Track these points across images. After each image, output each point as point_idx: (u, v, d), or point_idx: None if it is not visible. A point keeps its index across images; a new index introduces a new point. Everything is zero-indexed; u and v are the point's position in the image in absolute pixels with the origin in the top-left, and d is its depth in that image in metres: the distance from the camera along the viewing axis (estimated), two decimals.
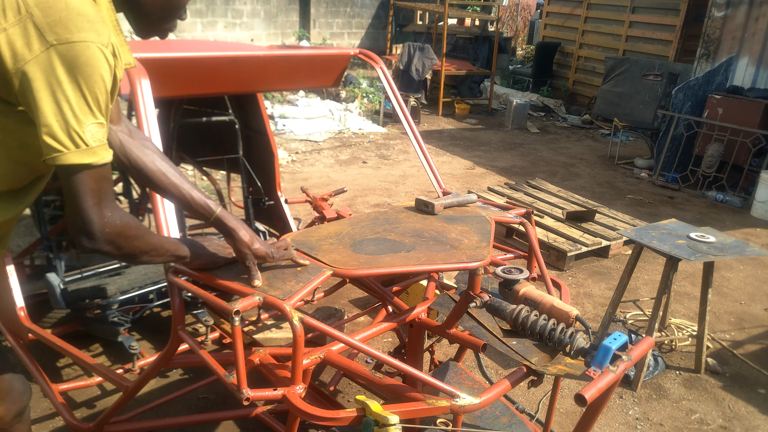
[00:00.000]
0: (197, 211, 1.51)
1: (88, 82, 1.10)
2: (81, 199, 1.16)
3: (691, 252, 2.71)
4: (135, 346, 2.29)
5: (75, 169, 1.14)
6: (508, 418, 1.85)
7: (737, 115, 5.90)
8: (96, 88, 1.12)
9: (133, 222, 1.26)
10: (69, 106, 1.09)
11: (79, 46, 1.09)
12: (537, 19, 13.98)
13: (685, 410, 2.74)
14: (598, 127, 9.07)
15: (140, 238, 1.29)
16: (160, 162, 1.49)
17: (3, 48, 1.08)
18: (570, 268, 4.14)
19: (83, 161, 1.13)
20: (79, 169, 1.14)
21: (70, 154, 1.11)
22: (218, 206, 1.52)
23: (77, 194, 1.16)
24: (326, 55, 2.66)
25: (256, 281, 1.46)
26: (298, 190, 5.06)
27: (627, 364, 1.37)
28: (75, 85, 1.09)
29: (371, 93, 9.02)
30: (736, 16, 6.64)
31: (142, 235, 1.29)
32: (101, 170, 1.17)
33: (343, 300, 3.44)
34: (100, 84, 1.12)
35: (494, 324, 1.62)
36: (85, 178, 1.15)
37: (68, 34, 1.08)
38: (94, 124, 1.13)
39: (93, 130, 1.13)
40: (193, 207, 1.51)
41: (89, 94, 1.11)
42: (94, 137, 1.13)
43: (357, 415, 1.30)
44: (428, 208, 1.98)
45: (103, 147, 1.16)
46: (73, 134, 1.11)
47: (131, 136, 1.50)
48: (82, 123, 1.11)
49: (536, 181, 5.62)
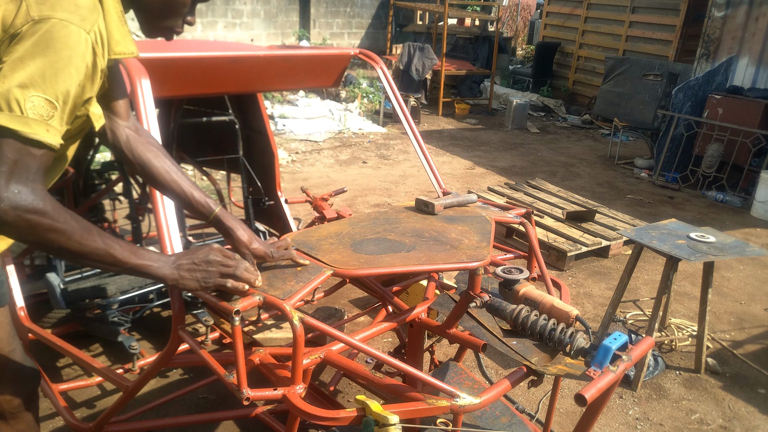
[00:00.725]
0: (197, 209, 1.51)
1: (52, 57, 1.08)
2: None
3: (691, 252, 2.71)
4: (135, 346, 2.29)
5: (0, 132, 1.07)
6: (508, 418, 1.85)
7: (737, 115, 5.90)
8: (59, 65, 1.09)
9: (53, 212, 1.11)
10: (23, 73, 1.07)
11: (57, 23, 1.09)
12: (537, 19, 13.98)
13: (685, 410, 2.75)
14: (598, 127, 9.07)
15: (62, 233, 1.12)
16: (164, 160, 1.50)
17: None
18: (570, 268, 4.14)
19: (9, 125, 1.06)
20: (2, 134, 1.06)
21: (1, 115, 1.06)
22: (217, 205, 1.53)
23: None
24: (326, 55, 2.66)
25: (256, 281, 1.44)
26: (298, 190, 5.06)
27: (627, 364, 1.37)
28: (37, 56, 1.08)
29: (371, 93, 9.02)
30: (736, 16, 6.64)
31: (67, 232, 1.13)
32: (28, 146, 1.08)
33: (343, 300, 3.44)
34: (66, 63, 1.10)
35: (494, 324, 1.62)
36: (4, 143, 1.07)
37: (50, 11, 1.10)
38: (42, 98, 1.08)
39: (37, 103, 1.08)
40: (193, 205, 1.51)
41: (49, 68, 1.08)
42: (35, 109, 1.08)
43: (357, 415, 1.30)
44: (428, 208, 1.98)
45: (42, 124, 1.09)
46: (11, 98, 1.06)
47: (137, 133, 1.51)
48: (26, 90, 1.07)
49: (536, 181, 5.63)
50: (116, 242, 1.22)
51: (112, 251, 1.20)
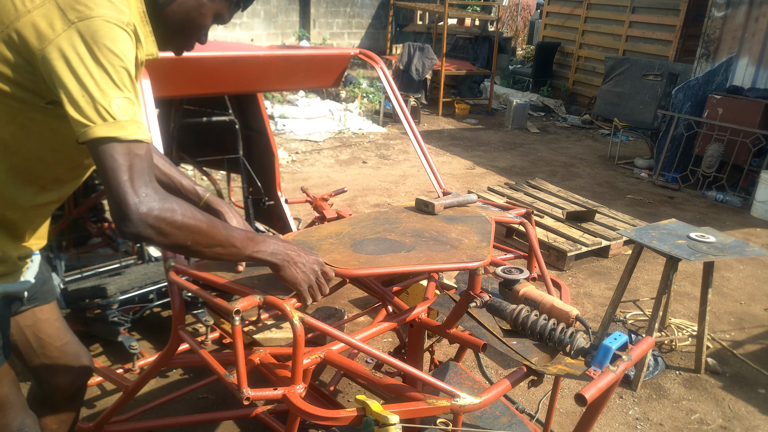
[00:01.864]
0: (186, 197, 1.54)
1: (108, 56, 1.09)
2: (111, 176, 1.08)
3: (691, 252, 2.71)
4: (135, 346, 2.29)
5: (102, 143, 1.08)
6: (508, 418, 1.85)
7: (737, 115, 5.90)
8: (117, 62, 1.10)
9: (180, 207, 1.15)
10: (93, 80, 1.07)
11: (99, 21, 1.08)
12: (537, 19, 13.98)
13: (685, 410, 2.75)
14: (598, 127, 9.07)
15: (191, 226, 1.16)
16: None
17: (28, 30, 1.09)
18: (570, 268, 4.14)
19: (110, 134, 1.08)
20: (107, 143, 1.08)
21: (97, 128, 1.08)
22: (207, 192, 1.58)
23: (107, 171, 1.09)
24: (326, 55, 2.66)
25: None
26: (298, 190, 5.06)
27: (627, 364, 1.37)
28: (96, 59, 1.08)
29: (371, 93, 9.02)
30: (736, 16, 6.64)
31: (195, 224, 1.17)
32: (132, 146, 1.11)
33: (343, 300, 3.44)
34: (121, 59, 1.10)
35: (494, 324, 1.62)
36: (114, 153, 1.09)
37: (88, 10, 1.09)
38: (121, 98, 1.10)
39: (120, 105, 1.10)
40: (182, 193, 1.55)
41: (111, 68, 1.09)
42: (121, 111, 1.09)
43: (357, 414, 1.30)
44: (428, 208, 1.98)
45: (133, 123, 1.11)
46: (99, 108, 1.07)
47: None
48: (107, 96, 1.08)
49: (536, 181, 5.63)
50: (231, 228, 1.26)
51: (231, 239, 1.25)
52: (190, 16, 1.29)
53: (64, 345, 1.60)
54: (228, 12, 1.33)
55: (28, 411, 1.49)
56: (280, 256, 1.34)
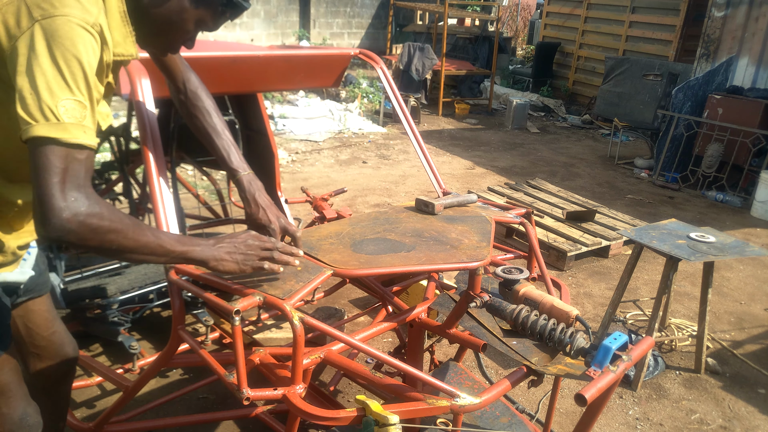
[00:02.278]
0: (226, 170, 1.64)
1: (65, 56, 1.07)
2: (42, 176, 1.06)
3: (691, 252, 2.71)
4: (135, 346, 2.29)
5: (41, 143, 1.06)
6: (508, 418, 1.85)
7: (737, 115, 5.90)
8: (74, 63, 1.08)
9: (108, 213, 1.13)
10: (44, 79, 1.06)
11: (60, 20, 1.08)
12: (537, 19, 13.98)
13: (685, 410, 2.75)
14: (598, 127, 9.07)
15: (119, 233, 1.14)
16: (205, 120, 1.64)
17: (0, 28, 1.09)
18: (570, 268, 4.14)
19: (50, 135, 1.06)
20: (45, 143, 1.06)
21: (38, 127, 1.06)
22: (246, 171, 1.62)
23: (39, 170, 1.06)
24: (326, 55, 2.66)
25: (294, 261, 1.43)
26: (298, 190, 5.06)
27: (627, 364, 1.37)
28: (51, 58, 1.07)
29: (371, 93, 9.02)
30: (736, 16, 6.64)
31: (123, 231, 1.15)
32: (72, 150, 1.08)
33: (343, 300, 3.44)
34: (79, 60, 1.09)
35: (494, 324, 1.62)
36: (50, 153, 1.06)
37: (53, 8, 1.08)
38: (71, 101, 1.08)
39: (68, 106, 1.08)
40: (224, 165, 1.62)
41: (66, 68, 1.08)
42: (68, 113, 1.07)
43: (357, 414, 1.30)
44: (428, 208, 1.98)
45: (79, 127, 1.09)
46: (44, 107, 1.06)
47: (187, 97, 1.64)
48: (55, 97, 1.06)
49: (536, 181, 5.63)
50: (161, 233, 1.26)
51: (161, 242, 1.24)
52: (172, 20, 1.28)
53: (51, 335, 1.65)
54: (212, 20, 1.33)
55: (30, 401, 1.50)
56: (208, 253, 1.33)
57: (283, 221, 1.59)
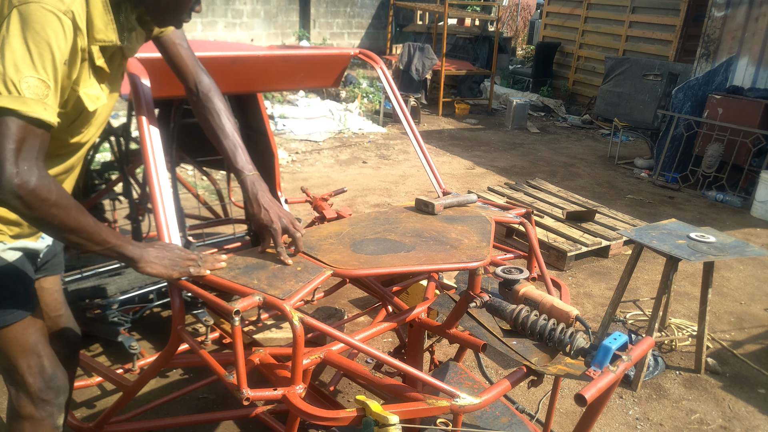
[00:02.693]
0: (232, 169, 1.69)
1: (35, 38, 1.16)
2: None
3: (691, 252, 2.71)
4: (135, 346, 2.29)
5: (1, 113, 1.14)
6: (508, 418, 1.85)
7: (737, 115, 5.90)
8: (42, 46, 1.17)
9: (56, 189, 1.21)
10: (12, 56, 1.14)
11: (33, 6, 1.16)
12: (537, 19, 13.98)
13: (685, 410, 2.75)
14: (598, 127, 9.07)
15: (62, 209, 1.22)
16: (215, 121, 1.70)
17: None
18: (570, 268, 4.14)
19: (10, 106, 1.13)
20: (5, 114, 1.14)
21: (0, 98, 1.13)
22: (251, 172, 1.68)
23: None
24: (326, 55, 2.66)
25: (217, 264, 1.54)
26: (298, 190, 5.06)
27: (627, 364, 1.37)
28: (21, 39, 1.15)
29: (371, 93, 9.02)
30: (736, 16, 6.64)
31: (66, 208, 1.23)
32: (31, 125, 1.16)
33: (343, 300, 3.44)
34: (48, 44, 1.17)
35: (494, 324, 1.62)
36: (9, 122, 1.14)
37: None
38: (35, 78, 1.16)
39: (32, 83, 1.15)
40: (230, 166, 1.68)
41: (35, 49, 1.16)
42: (30, 89, 1.15)
43: (357, 415, 1.30)
44: (428, 208, 1.98)
45: (39, 102, 1.16)
46: (7, 81, 1.13)
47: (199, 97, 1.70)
48: (20, 72, 1.14)
49: (536, 181, 5.63)
50: (99, 223, 1.32)
51: (100, 230, 1.31)
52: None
53: (57, 317, 1.71)
54: None
55: (59, 363, 1.56)
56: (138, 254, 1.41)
57: (285, 221, 1.61)
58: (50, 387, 1.52)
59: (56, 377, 1.54)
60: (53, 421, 1.54)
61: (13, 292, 1.43)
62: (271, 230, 1.59)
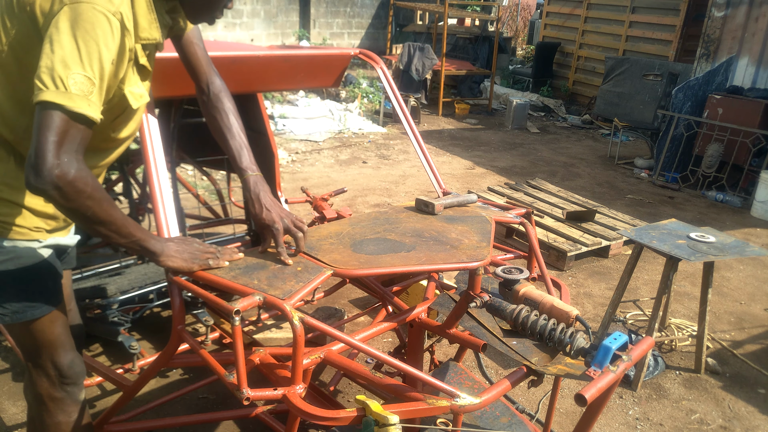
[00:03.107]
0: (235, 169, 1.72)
1: (84, 37, 1.20)
2: (42, 133, 1.18)
3: (691, 252, 2.71)
4: (135, 346, 2.29)
5: (47, 106, 1.19)
6: (508, 418, 1.85)
7: (737, 115, 5.90)
8: (91, 45, 1.21)
9: (92, 182, 1.25)
10: (62, 53, 1.19)
11: (85, 6, 1.21)
12: (537, 19, 13.98)
13: (685, 410, 2.75)
14: (598, 127, 9.07)
15: (96, 201, 1.27)
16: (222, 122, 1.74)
17: (37, 12, 1.24)
18: (570, 268, 4.14)
19: (56, 101, 1.18)
20: (51, 107, 1.18)
21: (48, 93, 1.18)
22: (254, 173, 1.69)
23: (40, 128, 1.19)
24: (326, 55, 2.66)
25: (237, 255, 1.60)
26: (298, 190, 5.06)
27: (627, 364, 1.37)
28: (71, 37, 1.20)
29: (371, 93, 9.01)
30: (736, 16, 6.64)
31: (100, 201, 1.28)
32: (74, 120, 1.20)
33: (343, 300, 3.44)
34: (96, 43, 1.22)
35: (494, 324, 1.62)
36: (54, 116, 1.19)
37: None
38: (82, 75, 1.20)
39: (78, 80, 1.20)
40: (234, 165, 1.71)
41: (83, 47, 1.20)
42: (77, 85, 1.19)
43: (357, 414, 1.30)
44: (428, 208, 1.98)
45: (84, 99, 1.20)
46: (55, 77, 1.18)
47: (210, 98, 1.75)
48: (68, 69, 1.19)
49: (536, 181, 5.63)
50: (127, 217, 1.38)
51: (127, 223, 1.36)
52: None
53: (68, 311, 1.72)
54: None
55: (75, 351, 1.64)
56: (160, 247, 1.46)
57: (287, 222, 1.62)
58: (70, 373, 1.61)
59: (75, 364, 1.63)
60: (74, 399, 1.65)
61: (44, 288, 1.49)
62: (273, 230, 1.60)
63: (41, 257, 1.48)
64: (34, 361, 1.57)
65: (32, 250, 1.46)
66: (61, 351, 1.59)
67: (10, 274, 1.43)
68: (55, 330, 1.56)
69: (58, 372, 1.59)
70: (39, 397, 1.61)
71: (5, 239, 1.41)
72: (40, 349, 1.56)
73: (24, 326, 1.51)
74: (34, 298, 1.48)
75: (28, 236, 1.44)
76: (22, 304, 1.46)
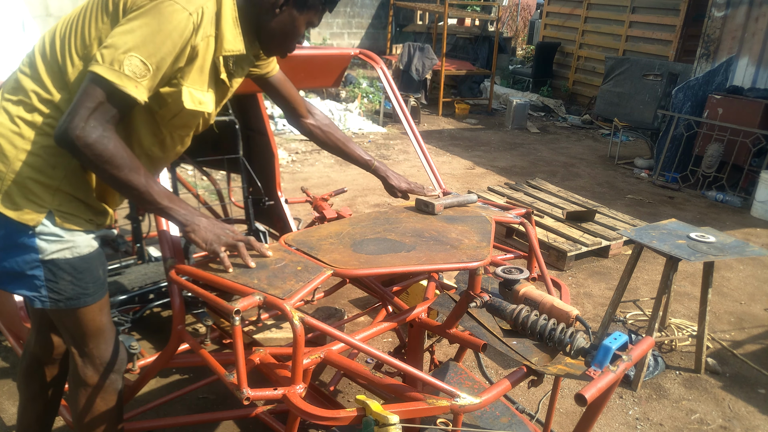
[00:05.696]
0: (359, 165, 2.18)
1: (156, 29, 1.31)
2: (82, 97, 1.30)
3: (691, 252, 2.71)
4: (135, 346, 2.28)
5: (95, 78, 1.29)
6: (508, 418, 1.85)
7: (737, 115, 5.90)
8: (160, 36, 1.32)
9: (113, 149, 1.33)
10: (131, 36, 1.30)
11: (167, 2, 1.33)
12: (537, 19, 13.98)
13: (685, 410, 2.75)
14: (598, 127, 9.07)
15: (115, 167, 1.34)
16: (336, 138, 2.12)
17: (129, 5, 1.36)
18: (570, 268, 4.14)
19: (105, 75, 1.29)
20: (98, 80, 1.29)
21: (101, 67, 1.29)
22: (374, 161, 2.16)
23: (83, 92, 1.30)
24: (326, 55, 2.66)
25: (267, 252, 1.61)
26: (298, 190, 5.06)
27: (627, 364, 1.38)
28: (145, 26, 1.31)
29: (371, 93, 9.01)
30: (736, 16, 6.64)
31: (120, 167, 1.35)
32: (115, 96, 1.31)
33: (343, 300, 3.44)
34: (167, 37, 1.32)
35: (494, 324, 1.62)
36: (98, 88, 1.30)
37: None
38: (139, 60, 1.31)
39: (133, 63, 1.30)
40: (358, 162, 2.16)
41: (150, 38, 1.31)
42: (130, 67, 1.30)
43: (357, 414, 1.30)
44: (428, 208, 1.98)
45: (133, 80, 1.31)
46: (115, 55, 1.29)
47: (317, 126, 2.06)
48: (128, 51, 1.30)
49: (536, 181, 5.63)
50: (157, 185, 1.45)
51: (151, 189, 1.42)
52: (286, 29, 1.55)
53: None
54: (317, 17, 1.58)
55: (118, 339, 1.72)
56: (189, 219, 1.49)
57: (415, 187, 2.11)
58: (114, 360, 1.67)
59: (118, 352, 1.68)
60: (115, 387, 1.69)
61: (95, 277, 1.56)
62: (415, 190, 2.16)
63: (95, 247, 1.55)
64: (81, 348, 1.61)
65: (88, 239, 1.52)
66: (109, 338, 1.65)
67: (68, 262, 1.48)
68: (103, 318, 1.61)
69: (104, 359, 1.64)
70: (83, 384, 1.64)
71: (65, 230, 1.47)
72: (87, 337, 1.60)
73: (74, 313, 1.55)
74: (87, 286, 1.53)
75: (84, 227, 1.51)
76: (76, 290, 1.52)
